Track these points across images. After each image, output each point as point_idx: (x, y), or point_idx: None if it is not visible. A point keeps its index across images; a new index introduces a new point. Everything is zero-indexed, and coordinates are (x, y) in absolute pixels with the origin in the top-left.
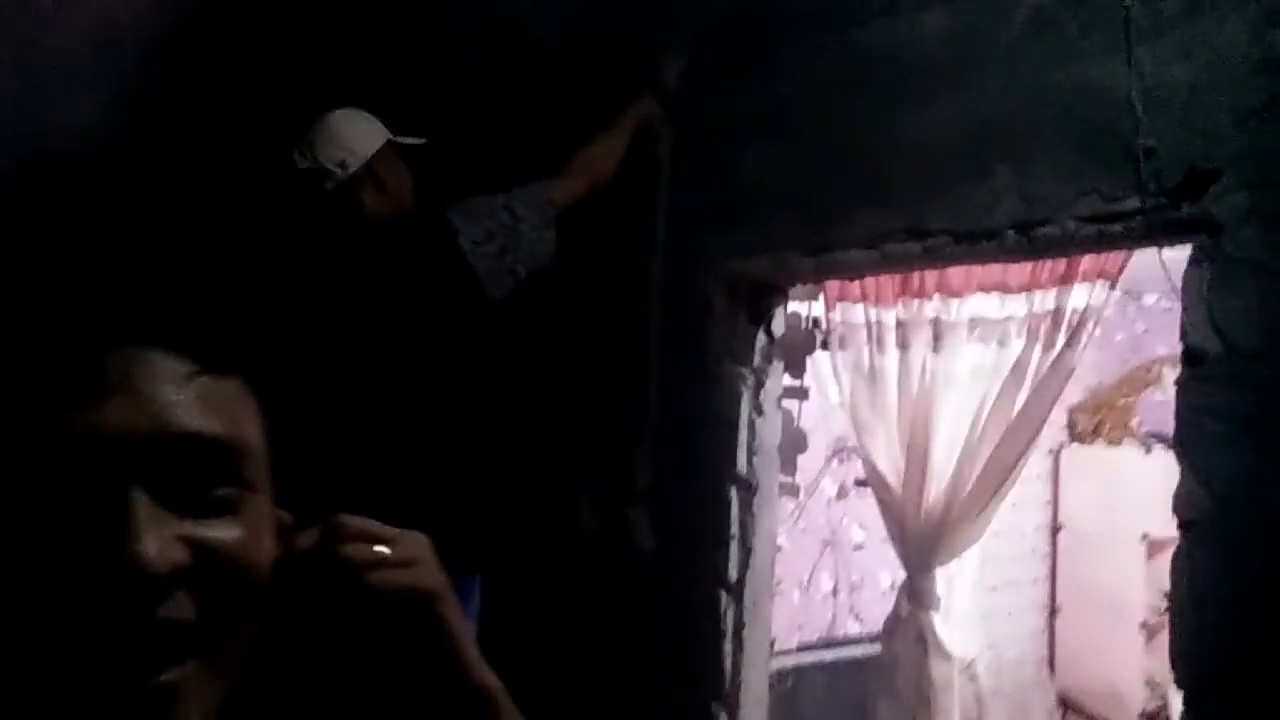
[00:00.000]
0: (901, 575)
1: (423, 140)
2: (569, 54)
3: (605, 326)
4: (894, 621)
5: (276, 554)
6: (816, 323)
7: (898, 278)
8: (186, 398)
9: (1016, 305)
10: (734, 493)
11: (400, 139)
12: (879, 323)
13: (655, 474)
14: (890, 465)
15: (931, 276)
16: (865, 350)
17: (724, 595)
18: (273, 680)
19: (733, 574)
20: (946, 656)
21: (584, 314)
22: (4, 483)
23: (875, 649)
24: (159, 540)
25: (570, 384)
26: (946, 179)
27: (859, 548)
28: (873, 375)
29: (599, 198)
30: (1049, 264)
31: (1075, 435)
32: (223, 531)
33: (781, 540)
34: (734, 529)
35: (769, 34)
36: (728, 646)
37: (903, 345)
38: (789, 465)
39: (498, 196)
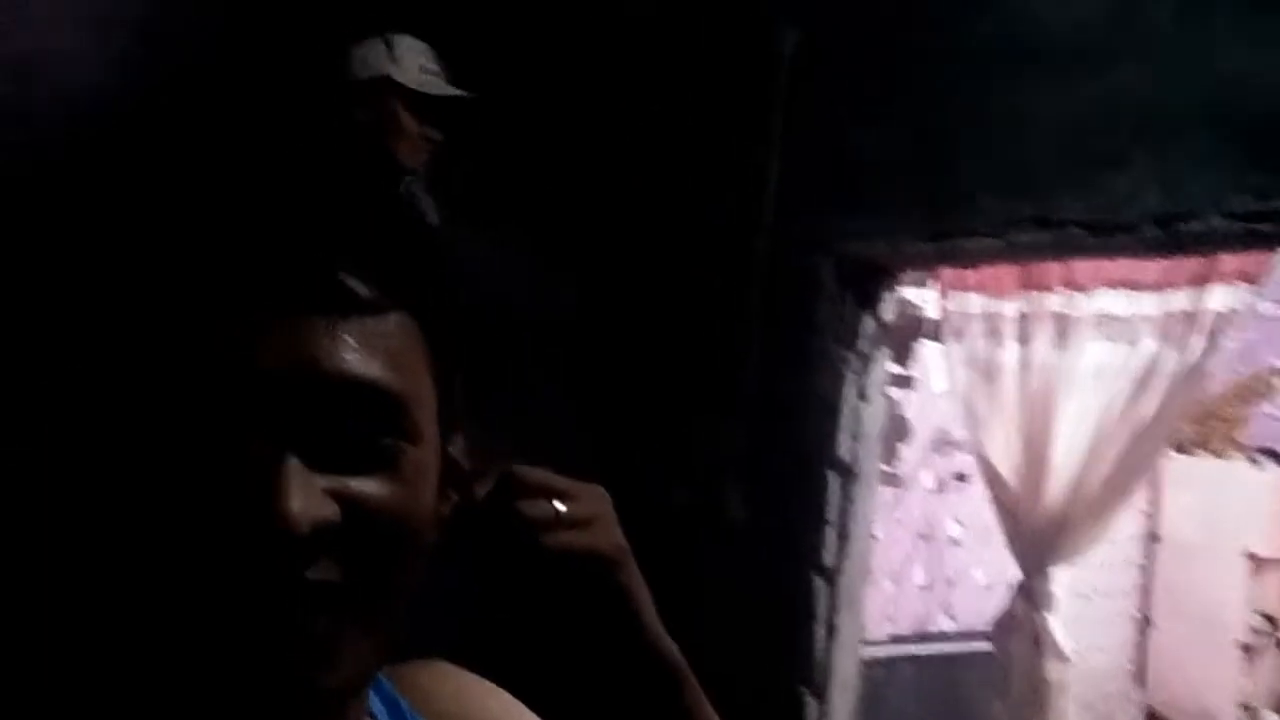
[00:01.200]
0: (999, 574)
1: (472, 95)
2: (676, 28)
3: (703, 296)
4: (1008, 620)
5: (443, 507)
6: (927, 311)
7: (1018, 268)
8: (344, 342)
9: (1148, 303)
10: (832, 476)
11: (439, 83)
12: (997, 314)
13: (752, 450)
14: (1006, 461)
15: (1055, 268)
16: (981, 342)
17: (818, 579)
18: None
19: (828, 558)
20: (1063, 658)
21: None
22: (149, 442)
23: (967, 646)
24: (307, 497)
25: (665, 354)
26: (1082, 166)
27: (955, 543)
28: (989, 368)
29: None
30: (1185, 261)
31: (1178, 444)
32: (378, 486)
33: (877, 529)
34: (831, 513)
35: (891, 10)
36: (819, 631)
37: (1023, 339)
38: (890, 454)
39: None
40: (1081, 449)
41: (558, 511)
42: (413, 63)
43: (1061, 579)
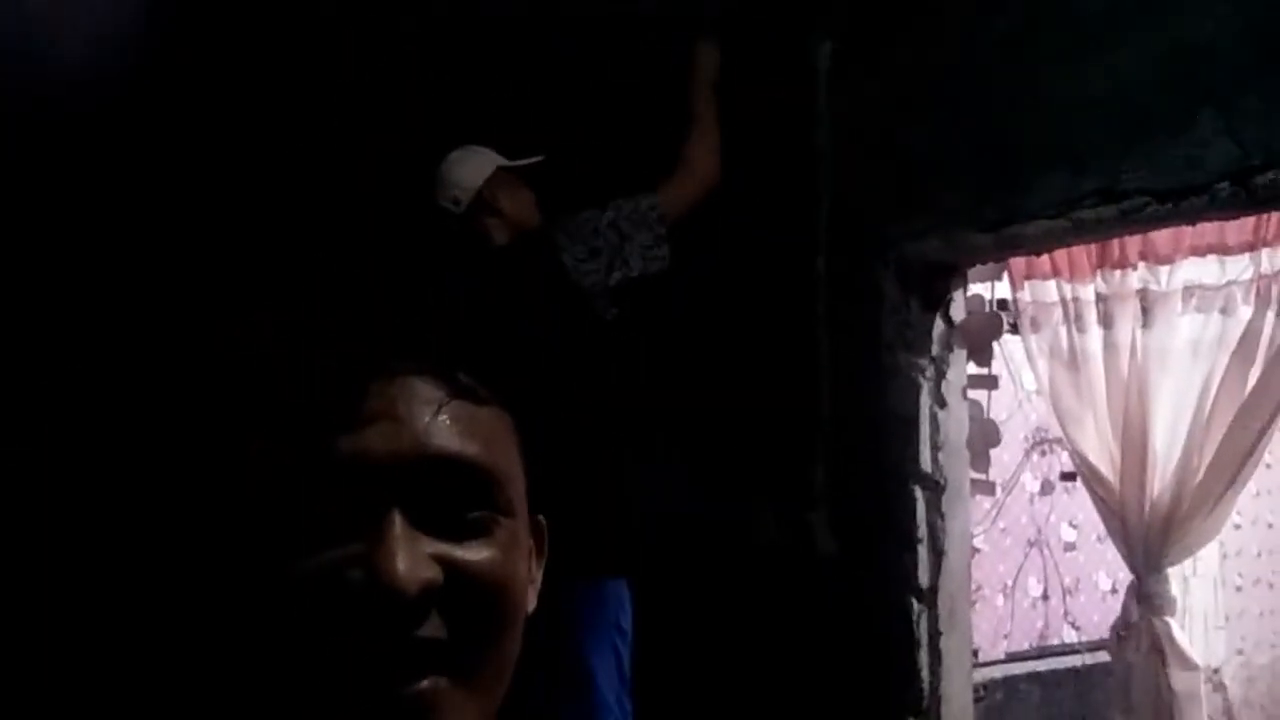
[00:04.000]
0: (1123, 576)
1: (538, 159)
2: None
3: (768, 322)
4: (1123, 628)
5: (534, 577)
6: (1002, 304)
7: (1093, 247)
8: (444, 421)
9: (1239, 267)
10: (919, 492)
11: (514, 162)
12: (1075, 299)
13: (832, 475)
14: (1104, 456)
15: (1134, 243)
16: (1062, 331)
17: (915, 602)
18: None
19: (923, 579)
20: (1189, 665)
21: (739, 309)
22: (270, 504)
23: (1096, 658)
24: (413, 559)
25: (736, 385)
26: (1141, 131)
27: (1070, 548)
28: (1074, 358)
29: (755, 190)
30: (1272, 217)
31: None
32: (476, 554)
33: (979, 542)
34: (921, 530)
35: (925, 1)
36: (923, 657)
37: (1106, 322)
38: (981, 461)
39: (606, 213)
40: (1183, 434)
41: None
42: (489, 165)
43: (1208, 572)
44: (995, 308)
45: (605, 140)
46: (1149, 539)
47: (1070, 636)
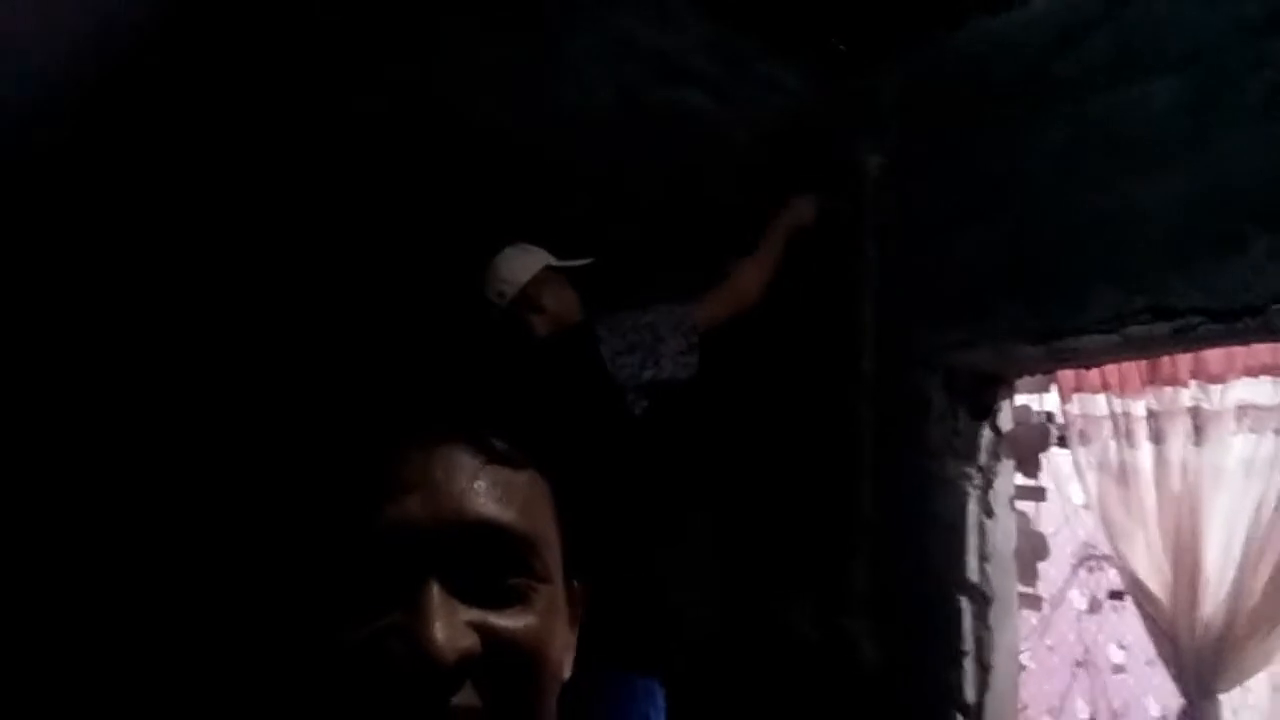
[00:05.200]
0: (1173, 704)
1: (587, 261)
2: (762, 160)
3: (813, 425)
4: None
5: (571, 640)
6: (1050, 416)
7: (1145, 364)
8: (482, 489)
9: None
10: (965, 603)
11: (563, 263)
12: (1126, 414)
13: (876, 582)
14: (1154, 574)
15: (1185, 361)
16: (1112, 445)
17: (960, 718)
18: None
19: (969, 694)
20: None
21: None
22: (312, 570)
23: None
24: (451, 628)
25: (775, 486)
26: (1194, 252)
27: (1119, 669)
28: (1123, 473)
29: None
30: None
31: None
32: (513, 620)
33: (1025, 659)
34: (968, 643)
35: (974, 115)
36: None
37: (1156, 439)
38: (1028, 573)
39: (645, 313)
40: (1236, 554)
41: None
42: (536, 264)
43: (1259, 703)
44: (1044, 419)
45: (654, 248)
46: (1200, 662)
47: None
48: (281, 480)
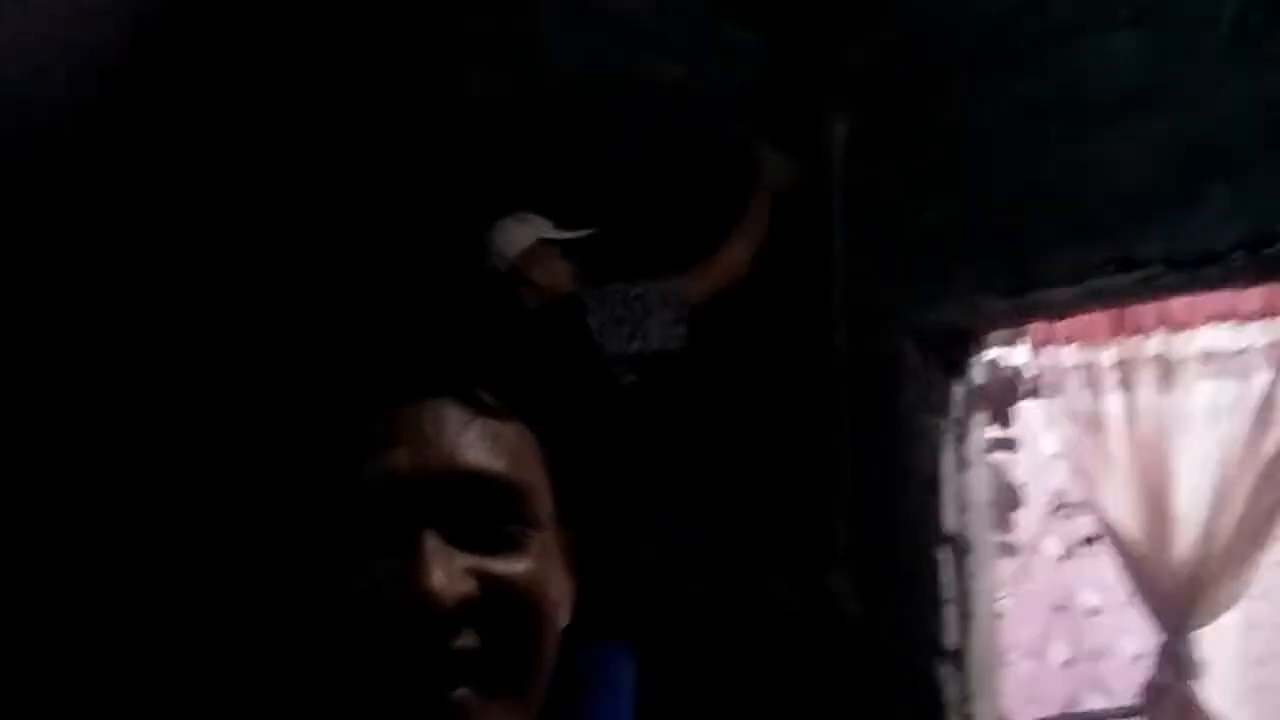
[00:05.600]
0: (1150, 642)
1: (585, 232)
2: (730, 128)
3: (789, 389)
4: (1152, 692)
5: (569, 589)
6: (1021, 370)
7: (1111, 314)
8: (472, 440)
9: (1255, 334)
10: (944, 553)
11: (560, 234)
12: (1094, 364)
13: (854, 537)
14: (1127, 518)
15: (1151, 310)
16: (1081, 395)
17: (943, 665)
18: None
19: (952, 641)
20: None
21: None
22: (305, 526)
23: None
24: (448, 574)
25: (754, 451)
26: (1156, 204)
27: (1095, 612)
28: (1093, 421)
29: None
30: None
31: None
32: (509, 565)
33: (1004, 606)
34: (948, 592)
35: (936, 78)
36: None
37: (1125, 387)
38: (1004, 523)
39: (634, 285)
40: (1206, 496)
41: None
42: (505, 238)
43: (1230, 643)
44: (1014, 372)
45: (633, 217)
46: (1174, 601)
47: (1098, 702)
48: (273, 437)
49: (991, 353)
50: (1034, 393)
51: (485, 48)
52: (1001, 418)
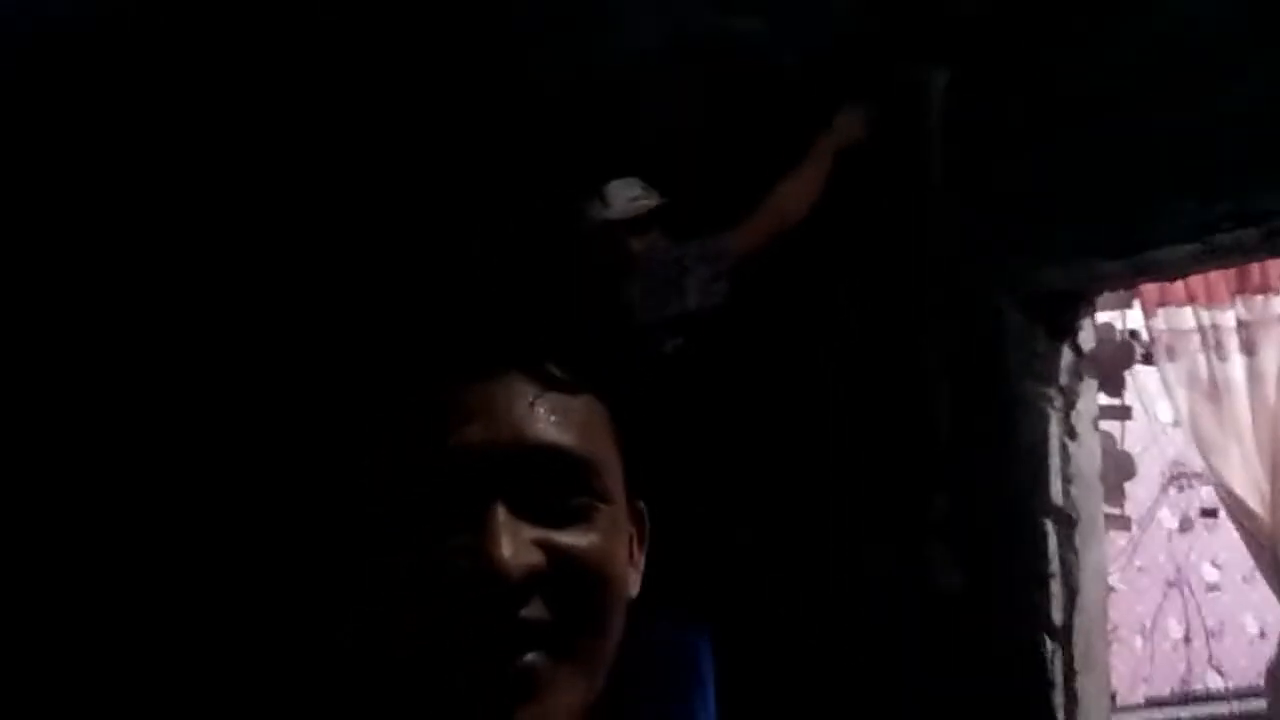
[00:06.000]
0: (1272, 620)
1: (665, 201)
2: (818, 83)
3: (884, 353)
4: (1275, 673)
5: (636, 561)
6: (1134, 333)
7: (1232, 272)
8: (541, 414)
9: None
10: (1050, 525)
11: (655, 200)
12: (1215, 326)
13: (955, 508)
14: (1251, 489)
15: (1275, 266)
16: (1200, 359)
17: (1048, 641)
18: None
19: (1057, 616)
20: None
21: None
22: (382, 497)
23: (1246, 705)
24: (516, 545)
25: (849, 419)
26: (1276, 153)
27: (1214, 588)
28: (1215, 387)
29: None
30: None
31: None
32: (577, 538)
33: (1114, 581)
34: (1054, 566)
35: (1043, 28)
36: (1058, 699)
37: (1248, 350)
38: (1115, 495)
39: (676, 248)
40: None
41: None
42: (621, 196)
43: None
44: (1127, 336)
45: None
46: None
47: (1215, 683)
48: (348, 412)
49: (1102, 316)
50: (1148, 358)
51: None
52: (1113, 384)
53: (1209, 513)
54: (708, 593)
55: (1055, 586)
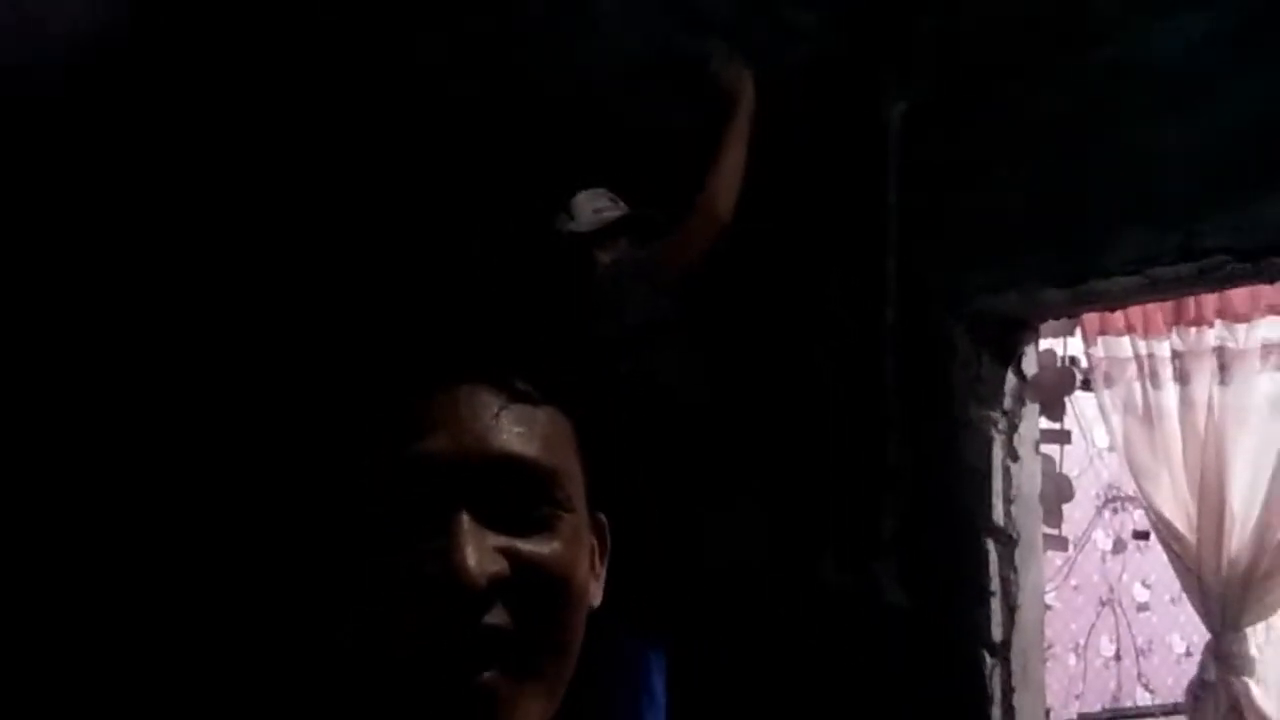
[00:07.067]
0: (1197, 639)
1: (648, 211)
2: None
3: (838, 375)
4: (1199, 688)
5: (598, 572)
6: (1074, 360)
7: (1169, 304)
8: (505, 426)
9: None
10: (991, 545)
11: (624, 211)
12: (1150, 355)
13: (902, 527)
14: (1180, 513)
15: (1210, 300)
16: (1136, 387)
17: (987, 657)
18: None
19: (996, 633)
20: None
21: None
22: (349, 505)
23: None
24: (481, 553)
25: (800, 436)
26: (1223, 191)
27: (1144, 608)
28: (1149, 414)
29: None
30: None
31: None
32: (540, 546)
33: (1050, 599)
34: (994, 584)
35: (1000, 60)
36: (995, 713)
37: (1182, 379)
38: (1053, 516)
39: (611, 266)
40: (1262, 492)
41: None
42: (586, 209)
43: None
44: (1067, 362)
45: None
46: (1227, 597)
47: (1144, 699)
48: (315, 421)
49: (1045, 342)
50: (1087, 384)
51: (540, 31)
52: (1054, 409)
53: (1141, 535)
54: (661, 605)
55: (995, 604)
